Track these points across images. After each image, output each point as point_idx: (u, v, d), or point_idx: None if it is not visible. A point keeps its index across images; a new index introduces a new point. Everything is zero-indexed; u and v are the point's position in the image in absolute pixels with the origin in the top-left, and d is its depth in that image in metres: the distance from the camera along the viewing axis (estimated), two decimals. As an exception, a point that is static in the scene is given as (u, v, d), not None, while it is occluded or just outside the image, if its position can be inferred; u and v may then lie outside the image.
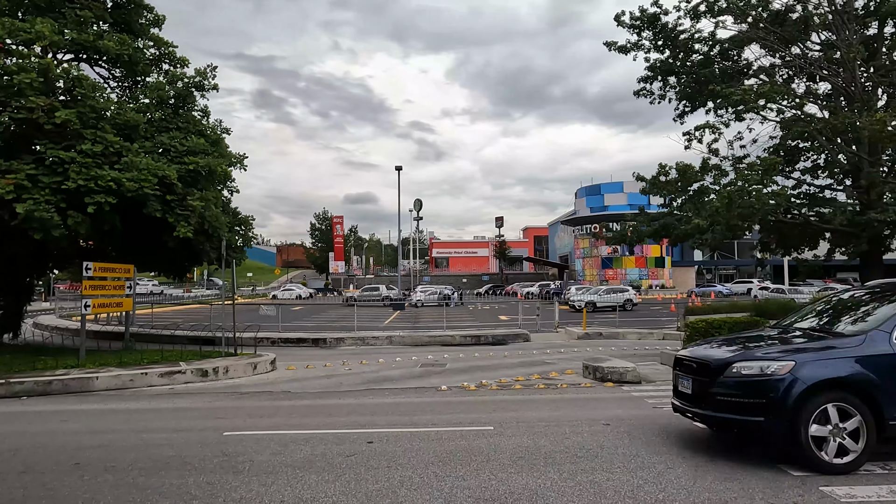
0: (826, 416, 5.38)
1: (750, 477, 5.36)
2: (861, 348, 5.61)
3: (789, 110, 14.41)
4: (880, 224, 12.81)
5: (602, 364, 11.72)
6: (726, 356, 6.04)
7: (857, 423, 5.37)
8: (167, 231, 13.50)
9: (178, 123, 15.36)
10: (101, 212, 12.21)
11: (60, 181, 11.88)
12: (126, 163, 12.54)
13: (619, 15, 16.59)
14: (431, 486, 5.20)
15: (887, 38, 14.61)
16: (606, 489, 5.10)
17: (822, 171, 15.82)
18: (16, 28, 12.83)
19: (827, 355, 5.67)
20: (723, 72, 16.08)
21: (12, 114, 12.29)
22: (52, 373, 11.39)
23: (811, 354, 5.71)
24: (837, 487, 5.05)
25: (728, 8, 15.04)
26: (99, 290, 13.84)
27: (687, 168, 13.68)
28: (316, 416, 8.48)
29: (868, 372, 5.46)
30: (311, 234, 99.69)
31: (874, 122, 11.51)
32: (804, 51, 15.47)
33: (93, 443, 6.96)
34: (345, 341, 19.11)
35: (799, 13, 15.28)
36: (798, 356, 5.64)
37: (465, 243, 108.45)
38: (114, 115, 13.47)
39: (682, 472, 5.53)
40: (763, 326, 6.96)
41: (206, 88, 16.18)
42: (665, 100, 17.05)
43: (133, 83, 16.40)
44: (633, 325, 24.25)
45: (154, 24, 16.70)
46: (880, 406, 5.38)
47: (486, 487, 5.17)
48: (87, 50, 14.34)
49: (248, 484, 5.32)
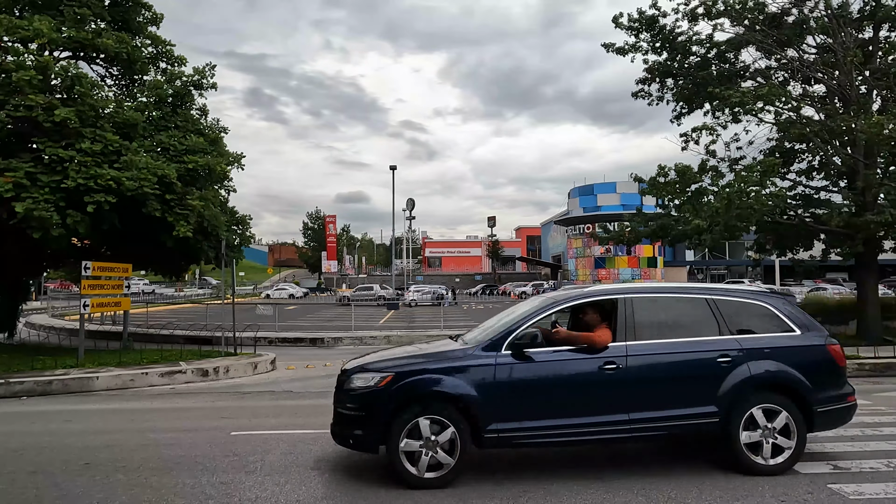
0: (419, 430, 5.11)
1: (757, 475, 5.43)
2: (463, 360, 5.40)
3: (786, 112, 14.56)
4: (876, 225, 12.98)
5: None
6: (354, 365, 5.74)
7: (450, 435, 5.12)
8: (166, 230, 13.45)
9: (177, 122, 15.30)
10: (101, 211, 12.14)
11: (60, 180, 11.80)
12: (125, 162, 12.47)
13: (618, 17, 16.68)
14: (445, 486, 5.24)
15: (882, 42, 14.80)
16: (617, 487, 5.16)
17: (818, 173, 16.02)
18: (14, 25, 12.73)
19: (429, 366, 5.40)
20: (720, 74, 16.22)
21: (11, 112, 12.18)
22: (51, 373, 11.33)
23: (416, 366, 5.42)
24: (845, 485, 5.13)
25: (725, 11, 15.17)
26: (97, 289, 13.76)
27: (686, 169, 13.80)
28: (321, 416, 8.41)
29: (465, 383, 5.22)
30: (303, 234, 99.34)
31: (872, 126, 11.67)
32: (800, 53, 15.63)
33: (99, 443, 6.93)
34: (342, 341, 19.11)
35: (795, 16, 15.46)
36: (401, 368, 5.38)
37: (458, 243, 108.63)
38: (113, 114, 13.40)
39: (684, 470, 5.60)
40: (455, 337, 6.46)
41: (204, 87, 16.12)
42: (663, 101, 17.17)
43: (130, 81, 16.31)
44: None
45: (152, 23, 16.61)
46: (477, 417, 5.16)
47: (497, 483, 5.22)
48: (86, 48, 14.24)
49: (262, 484, 5.34)
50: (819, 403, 5.49)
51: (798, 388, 5.47)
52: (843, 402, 5.68)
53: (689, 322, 5.74)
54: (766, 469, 5.36)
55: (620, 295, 5.75)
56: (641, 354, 5.44)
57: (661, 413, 5.36)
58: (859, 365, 11.53)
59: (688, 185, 14.11)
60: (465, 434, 5.16)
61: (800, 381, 5.47)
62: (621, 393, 5.35)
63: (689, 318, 5.76)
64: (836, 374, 5.75)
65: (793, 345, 5.65)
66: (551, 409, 5.31)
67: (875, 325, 14.84)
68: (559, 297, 6.04)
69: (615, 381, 5.33)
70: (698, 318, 5.75)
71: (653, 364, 5.45)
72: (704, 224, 13.18)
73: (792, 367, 5.51)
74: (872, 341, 13.87)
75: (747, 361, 5.47)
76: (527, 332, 5.43)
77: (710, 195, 13.92)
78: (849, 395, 5.75)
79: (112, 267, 14.13)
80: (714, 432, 5.45)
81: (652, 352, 5.49)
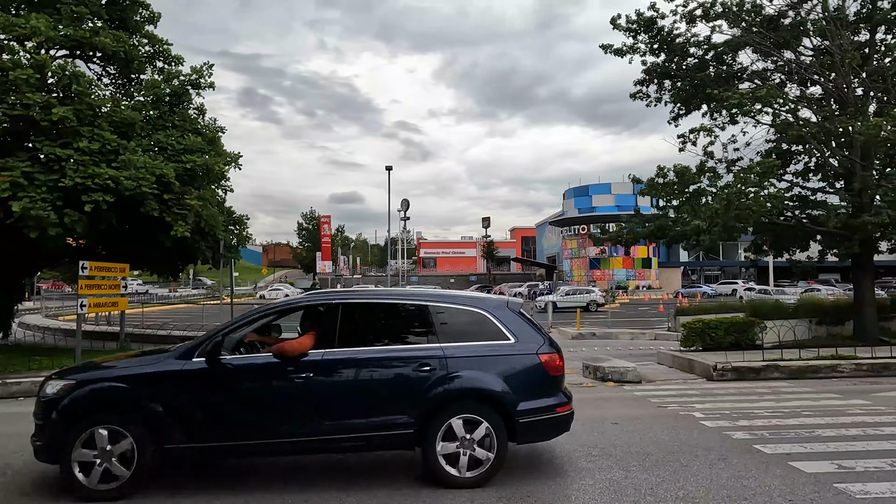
0: (93, 441, 4.86)
1: (763, 475, 5.46)
2: (153, 366, 5.17)
3: (784, 114, 14.64)
4: (874, 226, 13.07)
5: (602, 364, 11.82)
6: (56, 372, 5.53)
7: (128, 447, 4.86)
8: (164, 230, 13.38)
9: (175, 121, 15.25)
10: (98, 210, 12.06)
11: (57, 179, 11.71)
12: (123, 161, 12.40)
13: (616, 18, 16.70)
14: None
15: (878, 45, 14.90)
16: (626, 487, 5.17)
17: (814, 174, 16.11)
18: (10, 23, 12.63)
19: (117, 374, 5.16)
20: (717, 75, 16.29)
21: (7, 110, 12.08)
22: (48, 373, 11.21)
23: (103, 374, 5.19)
24: (851, 484, 5.15)
25: (723, 13, 15.24)
26: (95, 289, 13.67)
27: (685, 170, 13.85)
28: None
29: (148, 391, 4.99)
30: (297, 234, 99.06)
31: (870, 128, 11.74)
32: (797, 55, 15.72)
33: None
34: (340, 341, 19.02)
35: (791, 18, 15.54)
36: (80, 375, 5.18)
37: (453, 243, 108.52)
38: (110, 113, 13.32)
39: (696, 470, 5.62)
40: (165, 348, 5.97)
41: (202, 86, 16.06)
42: (661, 103, 17.22)
43: (128, 80, 16.22)
44: (624, 325, 24.51)
45: (149, 21, 16.53)
46: (160, 427, 4.92)
47: (505, 485, 5.22)
48: (83, 46, 14.16)
49: (271, 485, 5.31)
50: (523, 415, 5.22)
51: (501, 398, 5.20)
52: (549, 414, 5.36)
53: (399, 330, 5.57)
54: (462, 482, 5.10)
55: (331, 301, 5.55)
56: (336, 362, 5.18)
57: (355, 423, 5.10)
58: (857, 365, 11.60)
59: (686, 186, 14.17)
60: (145, 446, 4.87)
61: (503, 391, 5.21)
62: (312, 402, 5.09)
63: (401, 326, 5.60)
64: (544, 384, 5.42)
65: (501, 353, 5.37)
66: (239, 419, 5.05)
67: (871, 326, 14.94)
68: (276, 304, 5.88)
69: (308, 390, 5.08)
70: (410, 326, 5.57)
71: (348, 373, 5.18)
72: (704, 225, 13.23)
73: (496, 377, 5.25)
74: (869, 342, 13.96)
75: (450, 370, 5.21)
76: (217, 340, 5.13)
77: (709, 196, 13.98)
78: (558, 406, 5.42)
79: (109, 267, 14.04)
80: (412, 443, 5.20)
81: (348, 359, 5.22)
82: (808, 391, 10.07)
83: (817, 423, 7.49)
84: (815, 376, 11.34)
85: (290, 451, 5.25)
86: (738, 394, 9.84)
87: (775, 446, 6.41)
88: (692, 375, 11.90)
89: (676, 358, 13.05)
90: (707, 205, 13.57)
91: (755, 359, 11.78)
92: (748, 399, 9.36)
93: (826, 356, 12.11)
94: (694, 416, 8.06)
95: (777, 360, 11.69)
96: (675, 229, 15.02)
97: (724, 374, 11.30)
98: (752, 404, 8.91)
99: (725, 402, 9.07)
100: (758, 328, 13.68)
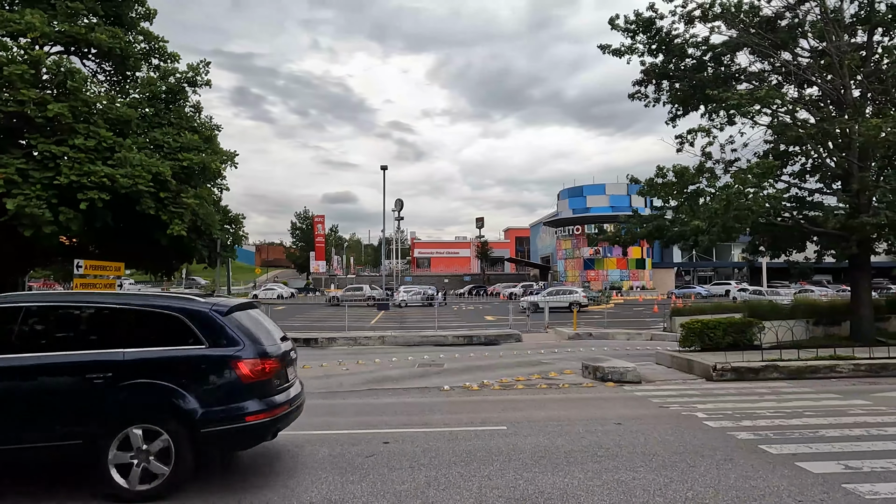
0: None
1: (771, 475, 5.43)
2: None
3: (782, 115, 14.66)
4: (872, 227, 13.11)
5: (602, 364, 11.78)
6: None
7: None
8: (159, 228, 13.28)
9: (171, 119, 15.14)
10: (94, 208, 11.96)
11: (52, 176, 11.60)
12: (119, 158, 12.30)
13: (614, 18, 16.68)
14: (459, 487, 5.17)
15: (876, 47, 14.95)
16: (634, 487, 5.13)
17: (811, 175, 16.15)
18: (4, 19, 12.49)
19: None
20: (715, 76, 16.30)
21: (2, 106, 11.95)
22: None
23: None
24: (859, 485, 5.13)
25: (721, 14, 15.25)
26: (89, 287, 13.51)
27: (684, 171, 13.85)
28: (323, 417, 8.37)
29: None
30: (291, 234, 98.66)
31: (869, 129, 11.77)
32: (794, 56, 15.76)
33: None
34: (336, 341, 18.95)
35: (789, 20, 15.58)
36: None
37: (447, 244, 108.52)
38: (106, 110, 13.20)
39: (704, 471, 5.58)
40: None
41: (198, 84, 15.95)
42: (659, 103, 17.22)
43: (123, 78, 16.09)
44: (620, 325, 24.52)
45: (145, 18, 16.42)
46: None
47: (515, 487, 5.16)
48: (78, 42, 14.02)
49: (273, 485, 5.24)
50: (208, 424, 4.88)
51: (183, 406, 4.87)
52: (238, 423, 4.99)
53: (82, 334, 5.25)
54: (133, 495, 4.77)
55: (12, 304, 5.22)
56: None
57: (15, 435, 4.78)
58: (855, 366, 11.63)
59: (686, 187, 14.16)
60: None
61: (184, 399, 4.87)
62: None
63: (84, 330, 5.27)
64: (235, 391, 5.04)
65: (189, 360, 5.06)
66: None
67: (868, 326, 14.99)
68: None
69: None
70: (94, 330, 5.25)
71: (7, 381, 4.87)
72: (704, 225, 13.22)
73: (179, 384, 4.93)
74: (866, 342, 13.99)
75: (129, 378, 4.89)
76: None
77: (708, 196, 13.98)
78: (248, 415, 5.02)
79: (104, 266, 13.90)
80: (84, 455, 4.84)
81: (7, 366, 4.88)
82: (808, 391, 10.08)
83: (820, 424, 7.49)
84: (813, 376, 11.36)
85: None
86: (739, 394, 9.83)
87: (780, 447, 6.38)
88: (691, 376, 11.89)
89: (675, 358, 13.03)
90: (706, 205, 13.57)
91: (754, 359, 11.78)
92: (749, 399, 9.35)
93: (825, 356, 12.13)
94: (697, 416, 8.04)
95: (776, 361, 11.70)
96: (674, 229, 15.00)
97: (724, 374, 11.29)
98: (753, 404, 8.90)
99: (727, 403, 9.05)
100: (756, 328, 13.68)
